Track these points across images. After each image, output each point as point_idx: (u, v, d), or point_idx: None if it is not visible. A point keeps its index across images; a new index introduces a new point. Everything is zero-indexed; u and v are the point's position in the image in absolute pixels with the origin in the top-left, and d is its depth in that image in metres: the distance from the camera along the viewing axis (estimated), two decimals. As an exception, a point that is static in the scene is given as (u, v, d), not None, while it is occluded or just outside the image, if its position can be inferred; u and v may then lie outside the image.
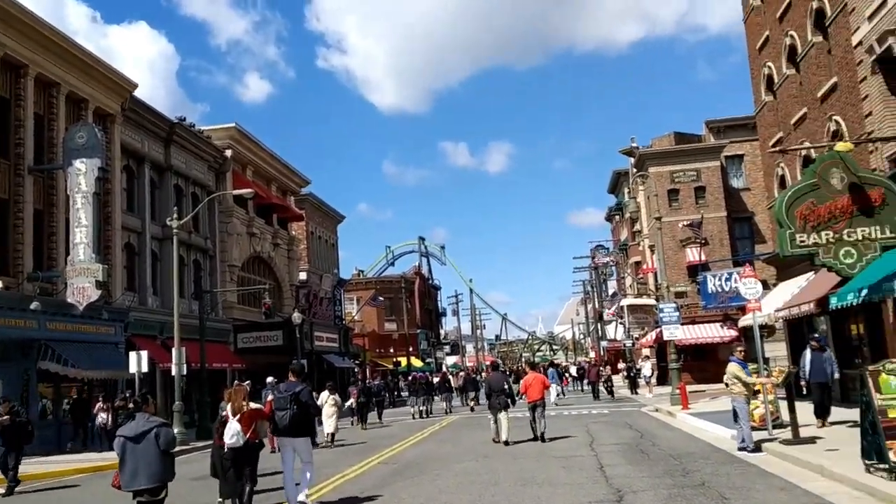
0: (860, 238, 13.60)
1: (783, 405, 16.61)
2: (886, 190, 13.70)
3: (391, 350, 74.46)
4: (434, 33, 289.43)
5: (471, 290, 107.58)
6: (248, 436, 9.81)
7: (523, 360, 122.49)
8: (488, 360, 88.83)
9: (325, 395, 21.04)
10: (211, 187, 38.14)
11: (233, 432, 9.75)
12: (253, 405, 10.46)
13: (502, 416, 17.76)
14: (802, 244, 13.66)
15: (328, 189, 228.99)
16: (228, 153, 39.72)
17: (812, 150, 21.52)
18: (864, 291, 14.65)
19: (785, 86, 23.76)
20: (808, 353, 16.20)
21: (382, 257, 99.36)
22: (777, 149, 16.36)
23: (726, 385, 35.94)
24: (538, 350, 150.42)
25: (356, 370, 57.97)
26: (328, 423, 20.72)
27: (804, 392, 17.26)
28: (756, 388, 14.24)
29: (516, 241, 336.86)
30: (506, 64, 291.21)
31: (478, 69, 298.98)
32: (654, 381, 37.32)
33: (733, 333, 41.62)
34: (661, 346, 45.13)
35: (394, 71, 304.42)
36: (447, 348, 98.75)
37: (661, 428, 20.02)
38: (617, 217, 71.47)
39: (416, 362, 74.53)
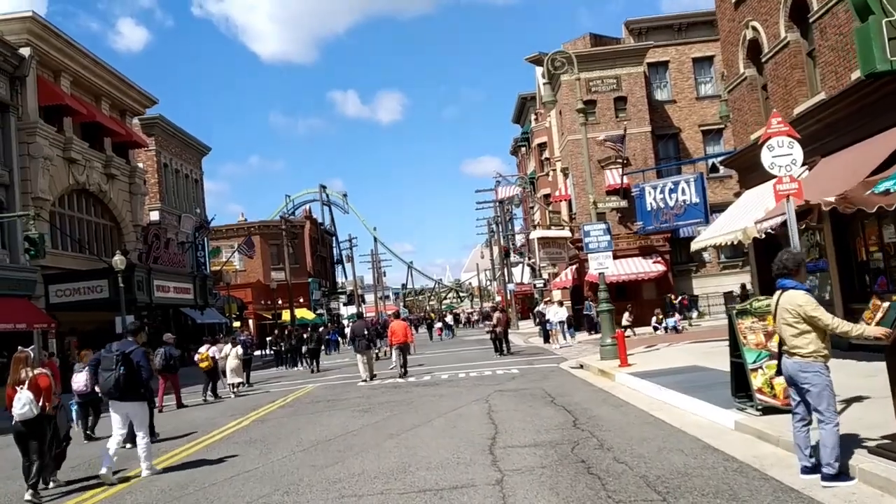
0: None
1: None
2: None
3: (279, 301, 66.33)
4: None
5: (375, 238, 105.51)
6: (41, 404, 8.98)
7: (429, 308, 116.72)
8: (390, 309, 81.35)
9: (227, 347, 22.84)
10: (2, 96, 28.88)
11: (24, 401, 8.90)
12: (40, 371, 9.35)
13: (360, 357, 21.03)
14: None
15: (216, 147, 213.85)
16: (26, 52, 30.24)
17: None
18: None
19: None
20: None
21: (282, 207, 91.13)
22: None
23: (655, 329, 28.57)
24: (444, 298, 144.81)
25: (236, 326, 50.19)
26: (231, 375, 22.03)
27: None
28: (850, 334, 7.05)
29: (415, 192, 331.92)
30: (392, 11, 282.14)
31: (363, 17, 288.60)
32: (566, 328, 30.17)
33: (661, 268, 35.61)
34: (575, 288, 38.80)
35: (276, 19, 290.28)
36: (343, 298, 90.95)
37: (602, 403, 12.89)
38: (523, 149, 64.96)
39: (306, 314, 66.67)
